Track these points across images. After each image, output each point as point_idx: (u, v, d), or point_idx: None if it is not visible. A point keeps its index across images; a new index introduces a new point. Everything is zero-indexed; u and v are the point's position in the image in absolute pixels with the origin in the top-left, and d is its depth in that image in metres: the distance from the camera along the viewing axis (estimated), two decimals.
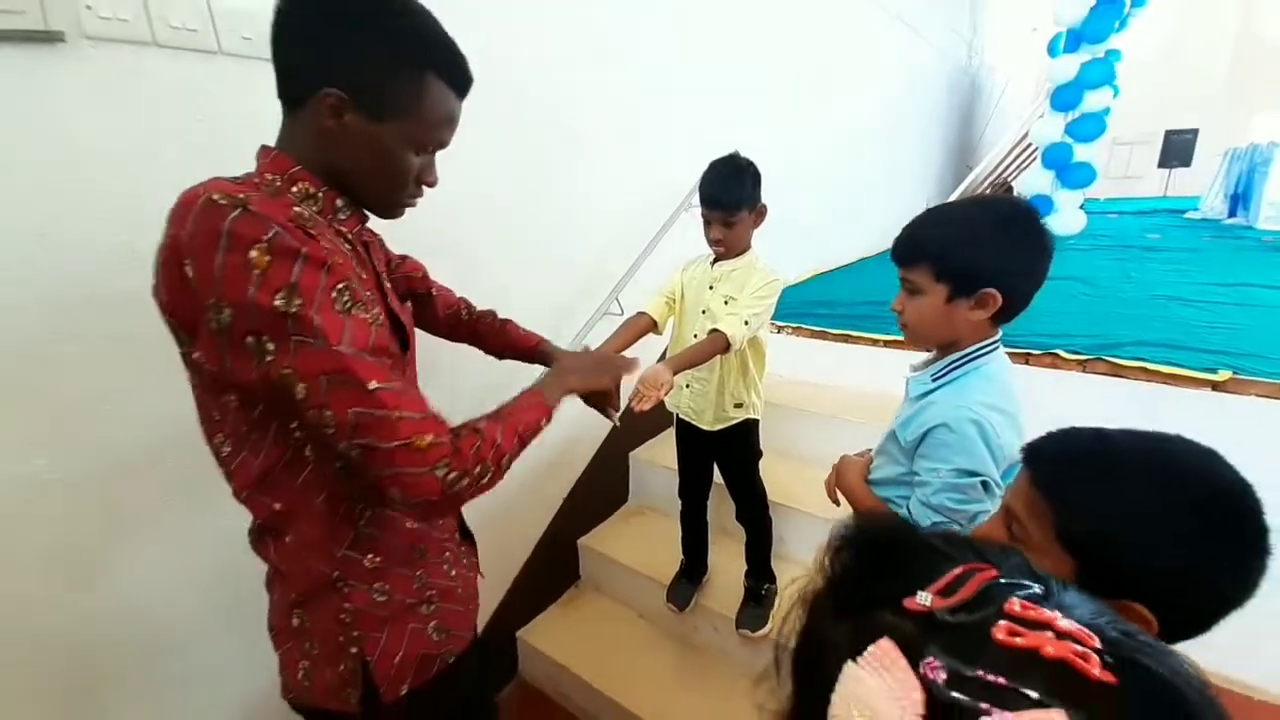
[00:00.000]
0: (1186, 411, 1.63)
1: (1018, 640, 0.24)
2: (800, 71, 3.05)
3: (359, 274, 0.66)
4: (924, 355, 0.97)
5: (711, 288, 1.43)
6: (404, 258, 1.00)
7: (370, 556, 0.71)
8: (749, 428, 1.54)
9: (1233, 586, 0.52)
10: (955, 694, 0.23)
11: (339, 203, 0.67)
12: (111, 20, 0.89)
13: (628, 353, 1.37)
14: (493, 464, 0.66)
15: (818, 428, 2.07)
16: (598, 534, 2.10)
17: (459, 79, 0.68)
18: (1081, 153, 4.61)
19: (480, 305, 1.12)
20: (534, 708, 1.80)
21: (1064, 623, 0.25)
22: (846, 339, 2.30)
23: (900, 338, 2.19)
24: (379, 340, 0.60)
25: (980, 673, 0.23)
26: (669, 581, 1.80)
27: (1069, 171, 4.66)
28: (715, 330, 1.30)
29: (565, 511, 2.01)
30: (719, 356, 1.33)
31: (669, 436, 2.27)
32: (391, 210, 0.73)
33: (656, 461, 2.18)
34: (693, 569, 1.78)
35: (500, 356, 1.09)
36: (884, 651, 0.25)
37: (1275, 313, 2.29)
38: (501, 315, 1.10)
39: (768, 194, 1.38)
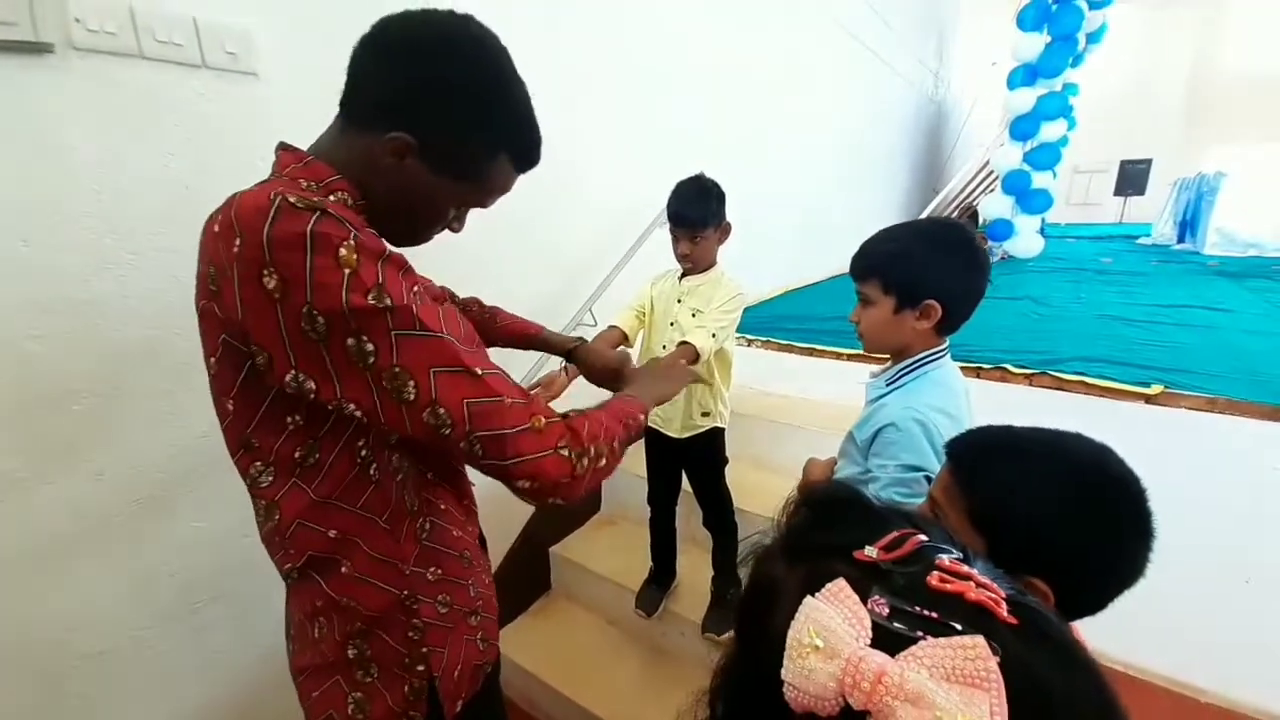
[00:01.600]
0: (1121, 423, 1.73)
1: (947, 586, 0.30)
2: (774, 98, 3.18)
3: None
4: (880, 365, 1.05)
5: (680, 301, 1.50)
6: None
7: (433, 569, 0.70)
8: (715, 435, 1.60)
9: (1120, 566, 0.59)
10: (896, 624, 0.29)
11: (363, 217, 0.64)
12: (99, 33, 0.93)
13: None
14: (605, 444, 0.64)
15: (784, 436, 2.14)
16: (570, 542, 2.13)
17: (526, 162, 0.69)
18: (1039, 180, 4.85)
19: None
20: None
21: (981, 578, 0.31)
22: (812, 352, 2.38)
23: (862, 350, 2.31)
24: (468, 330, 0.60)
25: (916, 609, 0.29)
26: (638, 588, 1.83)
27: (1027, 197, 4.89)
28: (684, 342, 1.37)
29: (537, 520, 2.03)
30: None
31: (639, 446, 2.32)
32: (406, 244, 0.69)
33: (628, 470, 2.21)
34: (661, 575, 1.82)
35: (489, 345, 1.03)
36: (840, 588, 0.31)
37: (1210, 332, 2.45)
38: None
39: (742, 214, 1.47)
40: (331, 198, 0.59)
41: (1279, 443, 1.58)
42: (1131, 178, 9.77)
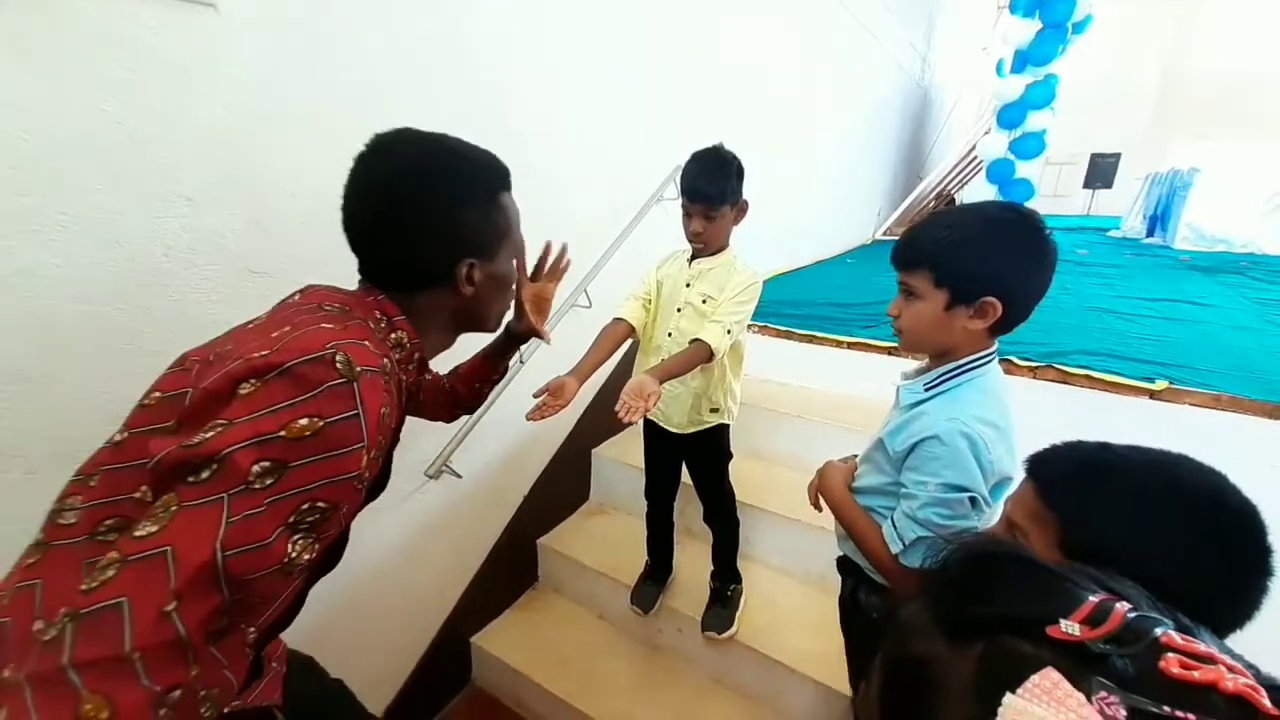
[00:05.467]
0: (1129, 418, 1.72)
1: (1194, 675, 0.24)
2: (767, 74, 3.06)
3: (394, 428, 0.70)
4: (915, 363, 0.96)
5: (689, 285, 1.39)
6: None
7: None
8: (721, 431, 1.51)
9: (1233, 607, 0.52)
10: None
11: (417, 356, 0.73)
12: None
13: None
14: None
15: (785, 427, 2.07)
16: (558, 533, 2.04)
17: (508, 178, 0.76)
18: (1022, 169, 4.88)
19: None
20: (488, 717, 1.72)
21: (1225, 658, 0.24)
22: (811, 339, 2.32)
23: (863, 339, 2.25)
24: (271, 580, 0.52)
25: (1165, 709, 0.23)
26: (632, 582, 1.76)
27: (1010, 187, 4.93)
28: (698, 340, 1.27)
29: (524, 510, 1.93)
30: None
31: (632, 433, 2.23)
32: (501, 322, 0.85)
33: (619, 459, 2.13)
34: (658, 571, 1.75)
35: (479, 394, 1.07)
36: (1053, 683, 0.24)
37: (1198, 327, 2.47)
38: None
39: None
40: (394, 335, 0.68)
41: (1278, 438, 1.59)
42: (1101, 171, 10.03)
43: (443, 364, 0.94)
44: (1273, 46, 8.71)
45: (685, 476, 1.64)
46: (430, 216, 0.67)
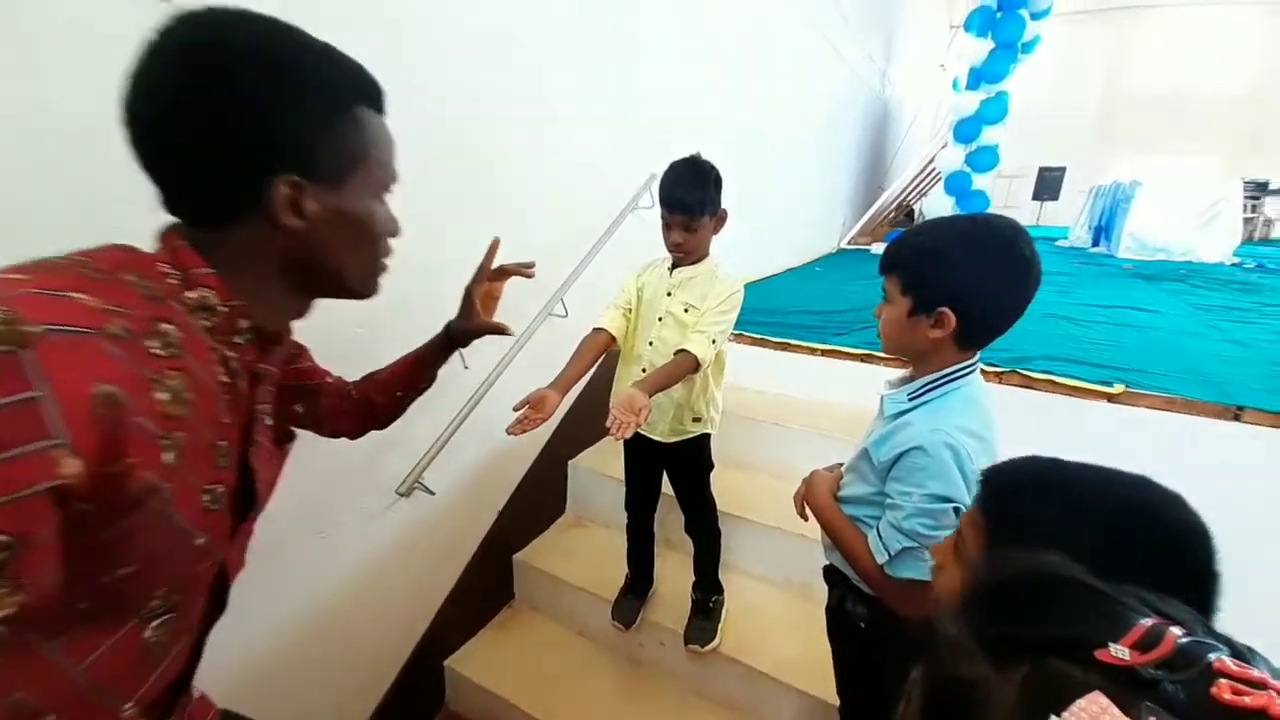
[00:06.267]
0: (1089, 420, 1.78)
1: (1246, 700, 0.23)
2: (736, 84, 3.10)
3: (219, 420, 0.51)
4: (900, 372, 0.97)
5: (670, 294, 1.38)
6: (300, 348, 0.79)
7: None
8: (703, 441, 1.50)
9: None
10: None
11: (242, 324, 0.53)
12: None
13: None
14: None
15: (762, 435, 2.08)
16: (534, 548, 1.99)
17: (378, 96, 0.58)
18: (978, 181, 5.07)
19: (411, 301, 0.98)
20: None
21: (1276, 683, 0.24)
22: (785, 347, 2.34)
23: (836, 346, 2.28)
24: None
25: None
26: (612, 596, 1.72)
27: (967, 199, 5.10)
28: (683, 351, 1.26)
29: (499, 526, 1.88)
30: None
31: (609, 443, 2.20)
32: (374, 282, 0.63)
33: (596, 470, 2.09)
34: (638, 584, 1.72)
35: (399, 405, 0.89)
36: (1101, 708, 0.23)
37: (1147, 332, 2.60)
38: (431, 310, 0.95)
39: None
40: (190, 294, 0.49)
41: (1230, 440, 1.67)
42: (1048, 183, 10.49)
43: (356, 368, 0.88)
44: (1206, 65, 9.33)
45: (665, 487, 1.63)
46: (236, 104, 0.47)
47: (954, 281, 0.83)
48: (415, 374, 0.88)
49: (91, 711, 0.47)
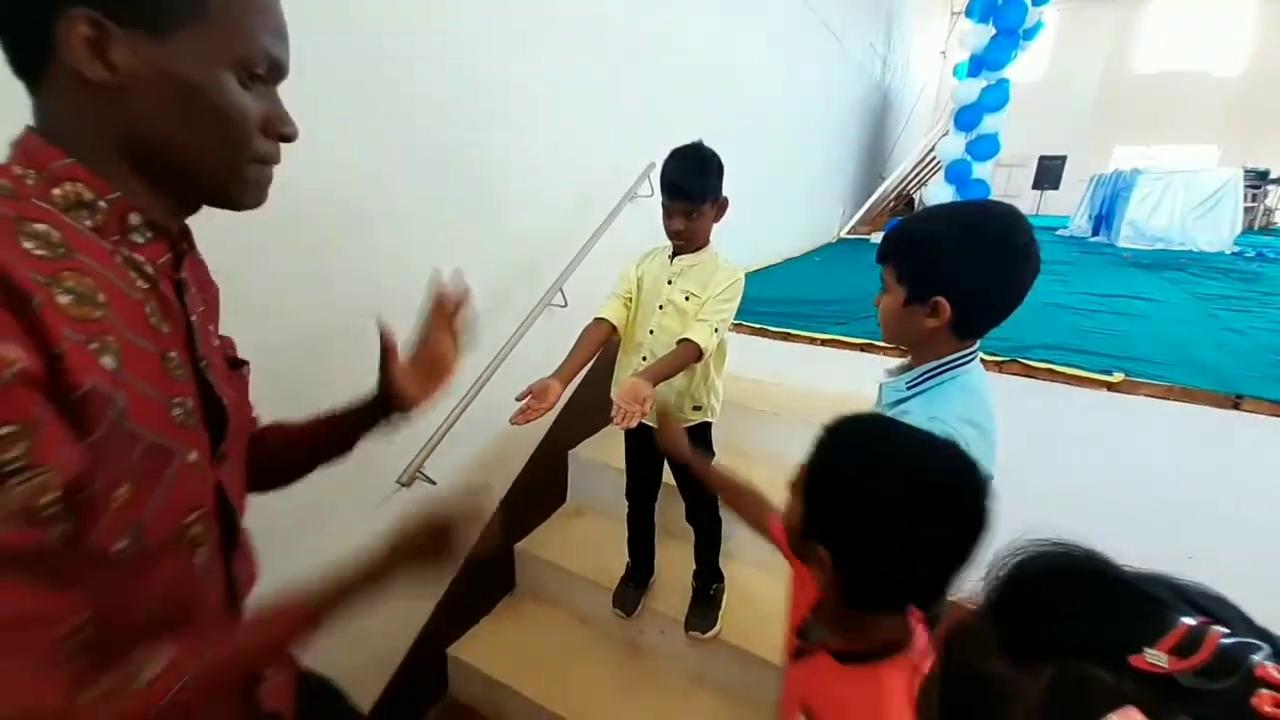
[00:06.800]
0: (1089, 409, 1.79)
1: None
2: (734, 71, 3.07)
3: (156, 329, 0.47)
4: (899, 360, 0.97)
5: (670, 282, 1.38)
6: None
7: None
8: (704, 429, 1.50)
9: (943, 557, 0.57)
10: None
11: (133, 219, 0.47)
12: None
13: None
14: None
15: (762, 423, 2.08)
16: (535, 537, 1.99)
17: None
18: (978, 170, 5.04)
19: (400, 287, 0.94)
20: None
21: None
22: (786, 336, 2.34)
23: (835, 336, 2.28)
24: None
25: None
26: (612, 584, 1.73)
27: (967, 187, 5.08)
28: (685, 340, 1.26)
29: (500, 515, 1.88)
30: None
31: (609, 433, 2.21)
32: (238, 188, 0.51)
33: (597, 459, 2.10)
34: (639, 572, 1.73)
35: (288, 468, 0.74)
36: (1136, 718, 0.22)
37: (1146, 321, 2.60)
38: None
39: None
40: (57, 190, 0.43)
41: (1228, 427, 1.67)
42: (1048, 172, 10.46)
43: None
44: (1208, 53, 9.27)
45: (665, 476, 1.63)
46: None
47: (949, 270, 0.83)
48: (312, 433, 0.74)
49: (164, 626, 0.48)
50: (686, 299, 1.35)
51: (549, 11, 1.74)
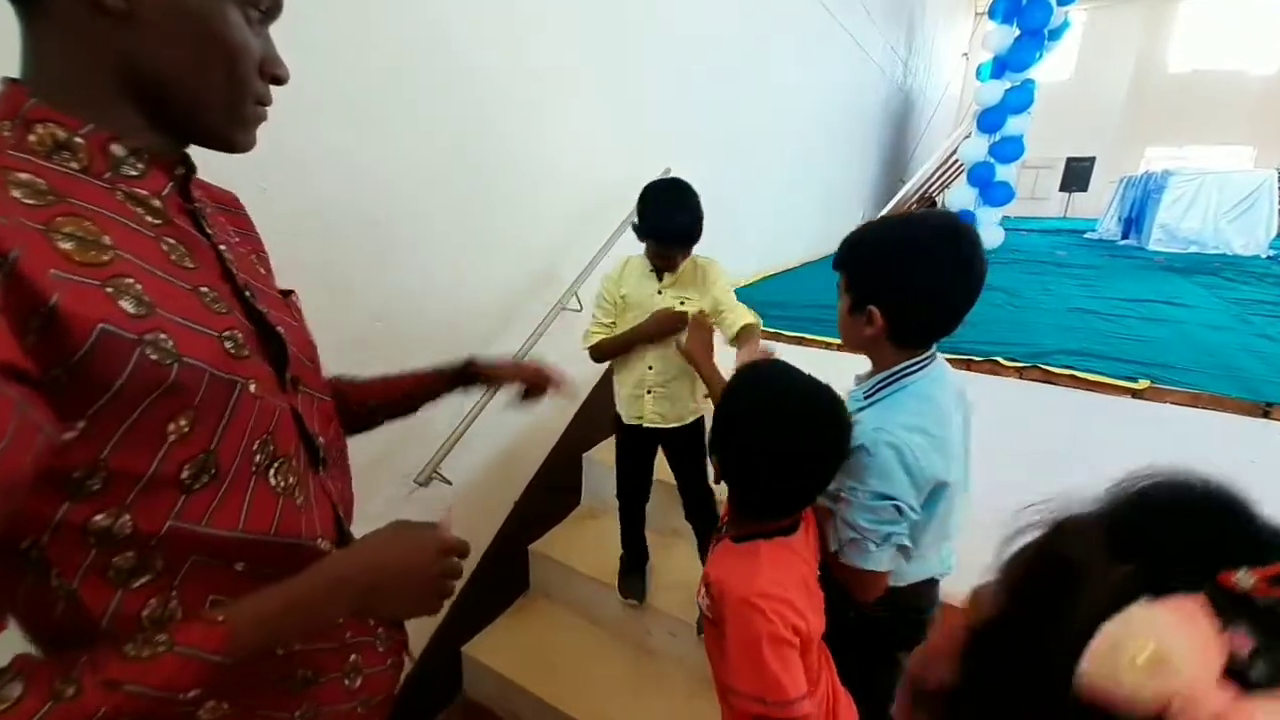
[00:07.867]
0: (1114, 417, 1.75)
1: None
2: (755, 76, 3.08)
3: (179, 265, 0.46)
4: (869, 365, 0.97)
5: (660, 292, 1.42)
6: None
7: None
8: (703, 425, 1.53)
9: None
10: (1254, 673, 0.22)
11: (116, 150, 0.44)
12: None
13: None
14: None
15: None
16: (549, 539, 2.01)
17: None
18: (1002, 173, 4.96)
19: (418, 292, 0.98)
20: None
21: None
22: (800, 341, 2.33)
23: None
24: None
25: None
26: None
27: (991, 190, 5.00)
28: (747, 326, 1.36)
29: (515, 517, 1.91)
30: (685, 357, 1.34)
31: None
32: (239, 127, 0.50)
33: (610, 462, 2.11)
34: (637, 558, 1.74)
35: (369, 418, 0.79)
36: (1194, 608, 0.23)
37: (1176, 326, 2.53)
38: (446, 304, 0.95)
39: (721, 195, 1.37)
40: (32, 136, 0.42)
41: (1257, 436, 1.62)
42: (1076, 174, 10.22)
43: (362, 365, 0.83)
44: (1239, 53, 8.99)
45: (658, 474, 1.65)
46: None
47: (881, 280, 0.85)
48: (404, 392, 0.80)
49: (286, 555, 0.50)
50: (682, 304, 1.39)
51: (570, 25, 1.77)
